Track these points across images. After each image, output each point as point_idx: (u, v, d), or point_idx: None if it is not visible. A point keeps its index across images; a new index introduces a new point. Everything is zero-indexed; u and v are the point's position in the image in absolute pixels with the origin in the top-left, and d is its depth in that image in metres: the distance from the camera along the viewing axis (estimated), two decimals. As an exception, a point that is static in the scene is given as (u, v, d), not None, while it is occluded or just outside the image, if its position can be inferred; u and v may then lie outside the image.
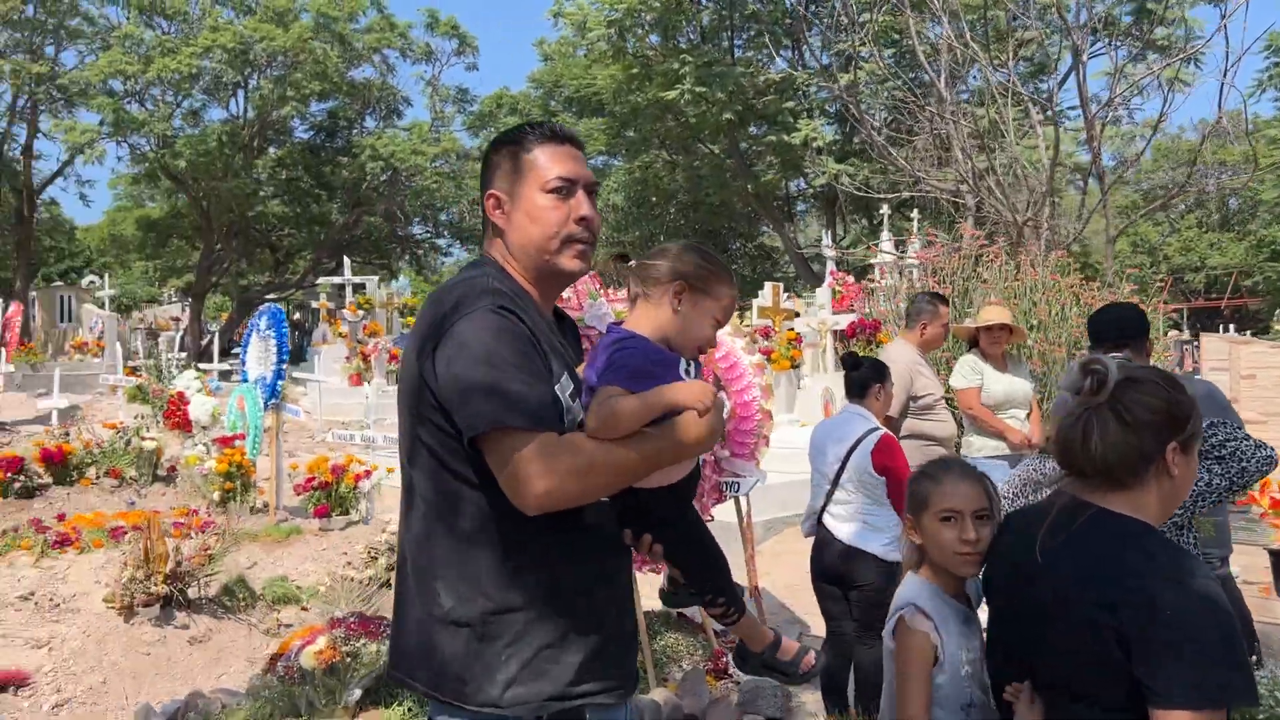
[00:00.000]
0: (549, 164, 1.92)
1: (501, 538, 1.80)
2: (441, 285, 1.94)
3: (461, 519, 1.82)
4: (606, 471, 1.75)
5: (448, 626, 1.81)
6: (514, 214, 1.94)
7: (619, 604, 1.95)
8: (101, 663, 4.86)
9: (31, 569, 6.59)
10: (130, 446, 9.59)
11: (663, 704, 4.50)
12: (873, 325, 7.47)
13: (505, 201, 1.95)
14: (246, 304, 31.23)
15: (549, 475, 1.68)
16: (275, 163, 29.08)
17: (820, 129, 16.12)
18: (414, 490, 1.90)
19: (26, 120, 26.46)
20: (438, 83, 29.08)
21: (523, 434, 1.69)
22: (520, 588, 1.80)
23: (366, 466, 7.69)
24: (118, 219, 37.61)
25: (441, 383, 1.76)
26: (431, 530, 1.85)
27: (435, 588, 1.83)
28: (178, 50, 23.73)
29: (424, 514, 1.87)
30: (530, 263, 1.94)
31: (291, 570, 6.61)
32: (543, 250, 1.92)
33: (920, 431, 5.18)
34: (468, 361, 1.73)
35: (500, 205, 1.96)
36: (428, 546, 1.85)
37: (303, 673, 3.90)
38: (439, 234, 35.26)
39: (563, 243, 1.91)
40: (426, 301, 1.91)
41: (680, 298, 1.95)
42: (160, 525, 5.21)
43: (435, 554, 1.83)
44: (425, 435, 1.83)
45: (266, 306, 8.77)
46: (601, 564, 1.91)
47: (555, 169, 1.92)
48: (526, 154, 1.94)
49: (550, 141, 1.95)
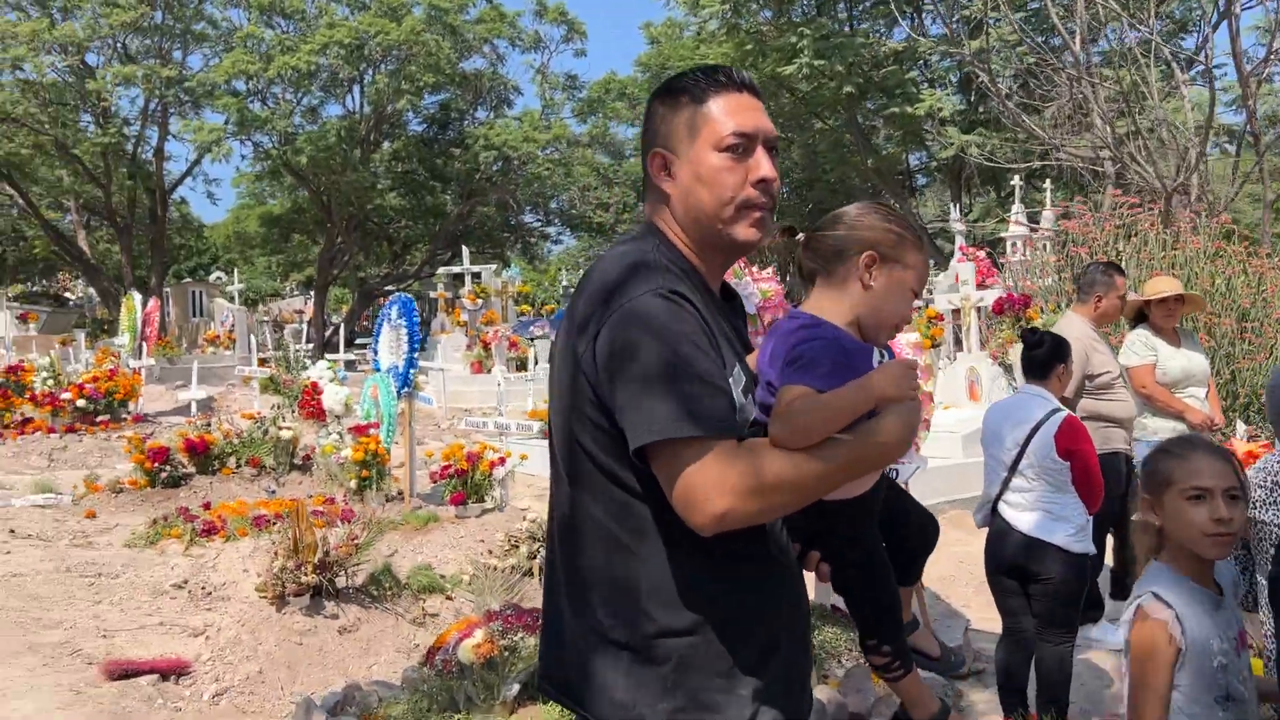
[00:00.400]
0: (723, 117, 1.65)
1: (668, 554, 1.57)
2: (601, 261, 1.67)
3: (622, 530, 1.59)
4: (793, 488, 1.50)
5: (606, 646, 1.59)
6: (682, 176, 1.68)
7: (798, 630, 1.71)
8: (257, 652, 4.88)
9: (182, 557, 6.74)
10: (268, 436, 9.79)
11: (826, 703, 4.27)
12: (1022, 300, 7.04)
13: (672, 161, 1.69)
14: (367, 295, 32.00)
15: (727, 493, 1.45)
16: (391, 156, 29.63)
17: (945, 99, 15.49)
18: (567, 493, 1.67)
19: (157, 123, 27.55)
20: (547, 70, 29.20)
21: (697, 444, 1.46)
22: (688, 609, 1.56)
23: (500, 453, 7.63)
24: (241, 216, 38.94)
25: (603, 380, 1.54)
26: (587, 539, 1.63)
27: (591, 602, 1.61)
28: (297, 48, 24.36)
29: (579, 520, 1.64)
30: (699, 232, 1.68)
31: (431, 558, 6.60)
32: (715, 218, 1.66)
33: (1098, 412, 4.81)
34: (633, 357, 1.50)
35: (666, 166, 1.70)
36: (582, 556, 1.64)
37: (461, 666, 3.80)
38: (549, 222, 35.48)
39: (738, 209, 1.65)
40: (584, 281, 1.67)
41: (870, 271, 1.68)
42: (308, 515, 5.19)
43: (591, 566, 1.62)
44: (582, 434, 1.61)
45: (396, 296, 8.81)
46: (780, 585, 1.67)
47: (730, 122, 1.65)
48: (697, 105, 1.67)
49: (725, 89, 1.67)
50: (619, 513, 1.59)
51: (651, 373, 1.48)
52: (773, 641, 1.63)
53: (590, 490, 1.62)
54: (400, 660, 5.13)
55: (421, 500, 8.29)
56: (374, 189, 26.77)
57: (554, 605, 1.73)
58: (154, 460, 8.93)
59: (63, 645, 4.90)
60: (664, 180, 1.70)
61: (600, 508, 1.61)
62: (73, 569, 6.28)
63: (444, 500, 8.06)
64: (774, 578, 1.65)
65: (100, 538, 7.53)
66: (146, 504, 8.63)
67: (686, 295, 1.57)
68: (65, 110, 25.98)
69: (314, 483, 9.53)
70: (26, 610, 5.37)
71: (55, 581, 5.97)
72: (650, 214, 1.76)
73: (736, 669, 1.57)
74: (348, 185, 25.54)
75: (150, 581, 6.12)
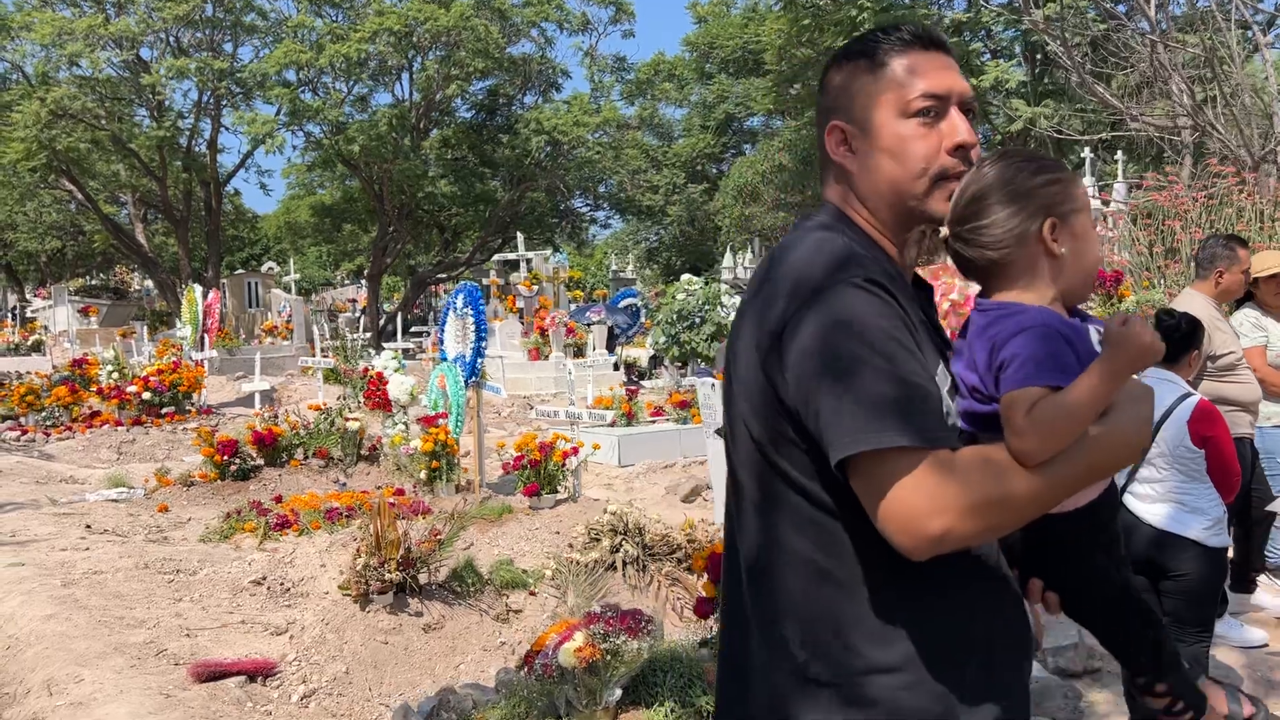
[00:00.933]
0: (911, 78, 1.47)
1: (873, 580, 1.38)
2: (783, 249, 1.48)
3: (819, 554, 1.40)
4: (1022, 503, 1.29)
5: (804, 685, 1.40)
6: (865, 148, 1.49)
7: (1021, 663, 1.49)
8: (342, 651, 4.77)
9: (258, 552, 6.68)
10: (334, 427, 9.74)
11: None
12: (1114, 277, 6.71)
13: (852, 133, 1.50)
14: (419, 284, 32.09)
15: (945, 512, 1.25)
16: (440, 143, 29.61)
17: (1010, 70, 14.99)
18: (754, 514, 1.48)
19: (210, 116, 27.78)
20: (595, 52, 28.94)
21: (908, 455, 1.27)
22: (897, 643, 1.37)
23: (573, 443, 7.48)
24: (292, 207, 39.24)
25: (794, 385, 1.35)
26: (778, 565, 1.44)
27: (783, 635, 1.43)
28: (347, 36, 24.37)
29: (768, 545, 1.45)
30: (889, 211, 1.50)
31: (508, 550, 6.47)
32: (906, 194, 1.47)
33: (1221, 395, 4.52)
34: (830, 357, 1.31)
35: (846, 139, 1.51)
36: (773, 584, 1.45)
37: (562, 671, 3.64)
38: (598, 206, 35.32)
39: (933, 181, 1.46)
40: (766, 272, 1.48)
41: (1057, 236, 1.44)
42: (389, 511, 5.07)
43: (785, 595, 1.43)
44: (772, 448, 1.42)
45: (462, 284, 8.69)
46: (1000, 613, 1.45)
47: (920, 83, 1.46)
48: (878, 68, 1.49)
49: (910, 48, 1.49)
50: (815, 535, 1.41)
51: (852, 374, 1.29)
52: (994, 675, 1.42)
53: (781, 510, 1.43)
54: (487, 659, 5.00)
55: (490, 490, 8.18)
56: (425, 176, 26.75)
57: (737, 638, 1.54)
58: (223, 453, 8.92)
59: (148, 645, 4.83)
60: (844, 155, 1.52)
61: (793, 530, 1.42)
62: (150, 565, 6.24)
63: (513, 490, 7.94)
64: (993, 600, 1.45)
65: (174, 532, 7.52)
66: (217, 497, 8.62)
67: (885, 284, 1.37)
68: (121, 105, 26.27)
69: (381, 473, 9.48)
70: (109, 609, 5.31)
71: (135, 579, 5.93)
72: (830, 194, 1.57)
73: (955, 710, 1.37)
74: (400, 173, 25.55)
75: (229, 578, 6.06)
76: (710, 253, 33.32)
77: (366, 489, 8.77)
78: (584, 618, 3.78)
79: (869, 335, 1.31)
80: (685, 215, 33.82)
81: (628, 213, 35.82)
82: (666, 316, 13.27)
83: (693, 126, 35.79)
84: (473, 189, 28.60)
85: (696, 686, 3.87)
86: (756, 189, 24.89)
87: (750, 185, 25.04)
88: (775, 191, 24.49)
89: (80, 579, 5.83)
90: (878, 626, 1.38)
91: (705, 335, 13.12)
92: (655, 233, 39.44)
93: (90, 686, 4.20)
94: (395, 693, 4.61)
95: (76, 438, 12.07)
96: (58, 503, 8.32)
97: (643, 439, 10.02)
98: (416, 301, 33.30)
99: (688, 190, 33.82)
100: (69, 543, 6.79)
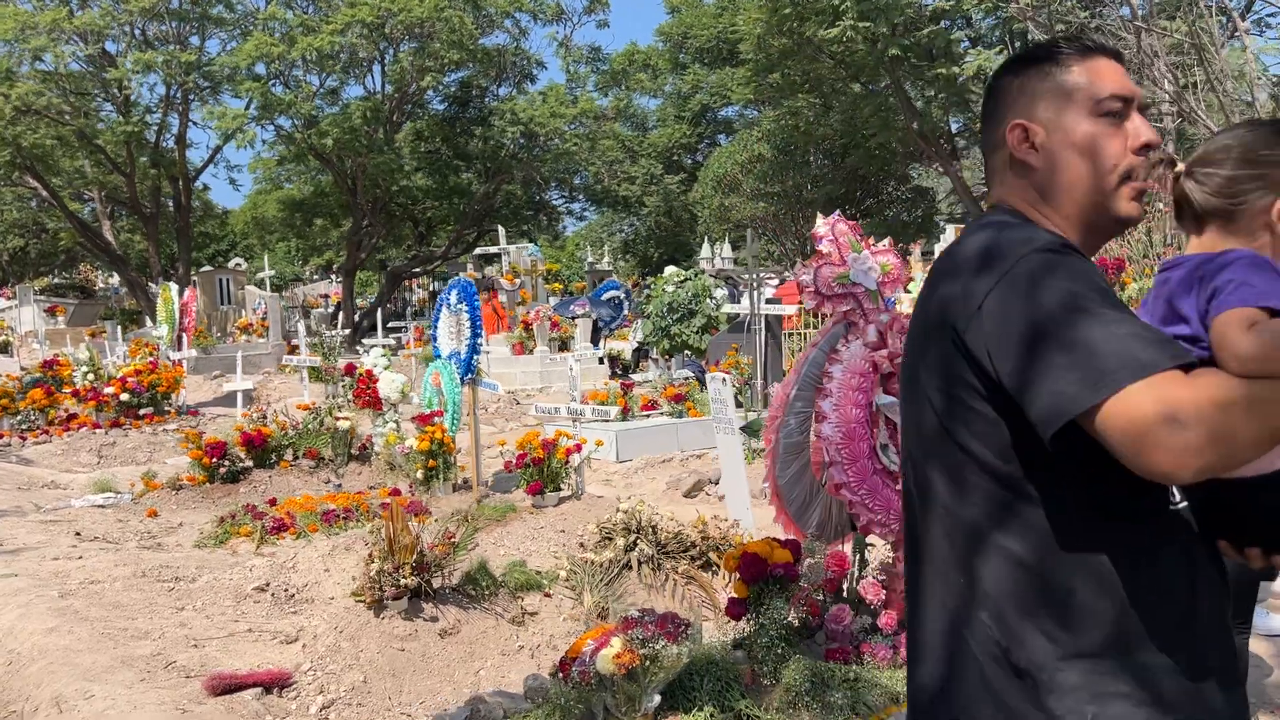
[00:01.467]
0: (1099, 80, 1.51)
1: (1067, 561, 1.37)
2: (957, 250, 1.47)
3: (1008, 537, 1.39)
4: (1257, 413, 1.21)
5: (1005, 673, 1.39)
6: (1050, 146, 1.52)
7: (1225, 642, 1.45)
8: (359, 660, 4.64)
9: (256, 557, 6.52)
10: (324, 427, 9.57)
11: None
12: (1116, 265, 6.71)
13: (1035, 132, 1.52)
14: (395, 278, 31.75)
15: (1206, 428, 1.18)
16: (413, 136, 29.27)
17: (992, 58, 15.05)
18: (936, 496, 1.49)
19: (178, 110, 27.27)
20: (570, 43, 28.72)
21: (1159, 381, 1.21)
22: (1095, 626, 1.35)
23: (576, 440, 7.37)
24: (259, 202, 38.71)
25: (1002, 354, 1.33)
26: (966, 552, 1.44)
27: (978, 619, 1.42)
28: (319, 29, 23.98)
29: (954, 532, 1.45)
30: (1074, 208, 1.51)
31: (513, 550, 6.36)
32: (1094, 190, 1.50)
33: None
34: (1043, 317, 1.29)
35: (1029, 137, 1.53)
36: (963, 572, 1.44)
37: (600, 677, 3.55)
38: (573, 198, 35.11)
39: (1121, 179, 1.49)
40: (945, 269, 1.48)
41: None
42: (403, 514, 4.94)
43: (976, 583, 1.43)
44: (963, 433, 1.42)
45: (456, 280, 8.54)
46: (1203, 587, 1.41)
47: (1108, 85, 1.51)
48: (1065, 70, 1.53)
49: (1092, 54, 1.55)
50: (1005, 517, 1.40)
51: (1072, 325, 1.27)
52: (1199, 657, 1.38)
53: (970, 496, 1.44)
54: (506, 664, 4.89)
55: (488, 489, 8.05)
56: (400, 170, 26.44)
57: (927, 631, 1.51)
58: (212, 455, 8.73)
59: (156, 657, 4.67)
60: (1027, 153, 1.54)
61: (983, 515, 1.42)
62: (148, 573, 6.07)
63: (512, 489, 7.82)
64: (1194, 572, 1.40)
65: (167, 538, 7.34)
66: (207, 500, 8.44)
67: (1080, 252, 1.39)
68: (86, 100, 25.74)
69: (373, 473, 9.32)
70: (111, 620, 5.15)
71: (134, 588, 5.75)
72: (1005, 194, 1.59)
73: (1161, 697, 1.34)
74: (374, 167, 25.23)
75: (230, 585, 5.90)
76: (688, 244, 33.23)
77: (360, 490, 8.62)
78: (620, 623, 3.68)
79: (1077, 285, 1.31)
80: (662, 206, 33.71)
81: (604, 204, 35.64)
82: (657, 309, 13.19)
83: (667, 117, 35.66)
84: (447, 182, 28.34)
85: (734, 689, 3.79)
86: (736, 179, 24.81)
87: (730, 175, 24.97)
88: (755, 182, 24.44)
89: (77, 589, 5.65)
90: (1077, 608, 1.37)
91: (696, 327, 13.04)
92: (630, 224, 39.30)
93: (102, 702, 4.05)
94: (416, 701, 4.49)
95: (54, 441, 11.79)
96: (43, 509, 8.10)
97: (639, 434, 9.93)
98: (392, 296, 32.96)
99: (665, 181, 33.68)
100: (60, 551, 6.60)
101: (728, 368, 10.76)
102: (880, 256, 4.71)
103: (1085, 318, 1.27)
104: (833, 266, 4.58)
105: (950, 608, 1.47)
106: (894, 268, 4.66)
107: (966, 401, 1.42)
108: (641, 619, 3.64)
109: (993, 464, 1.40)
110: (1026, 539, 1.39)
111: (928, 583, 1.52)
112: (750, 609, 4.11)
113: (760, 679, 3.91)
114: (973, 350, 1.39)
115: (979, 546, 1.43)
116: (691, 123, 35.04)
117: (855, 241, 4.68)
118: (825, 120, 21.76)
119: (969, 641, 1.44)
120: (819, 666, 3.90)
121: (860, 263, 4.62)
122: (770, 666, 3.91)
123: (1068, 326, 1.27)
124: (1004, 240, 1.41)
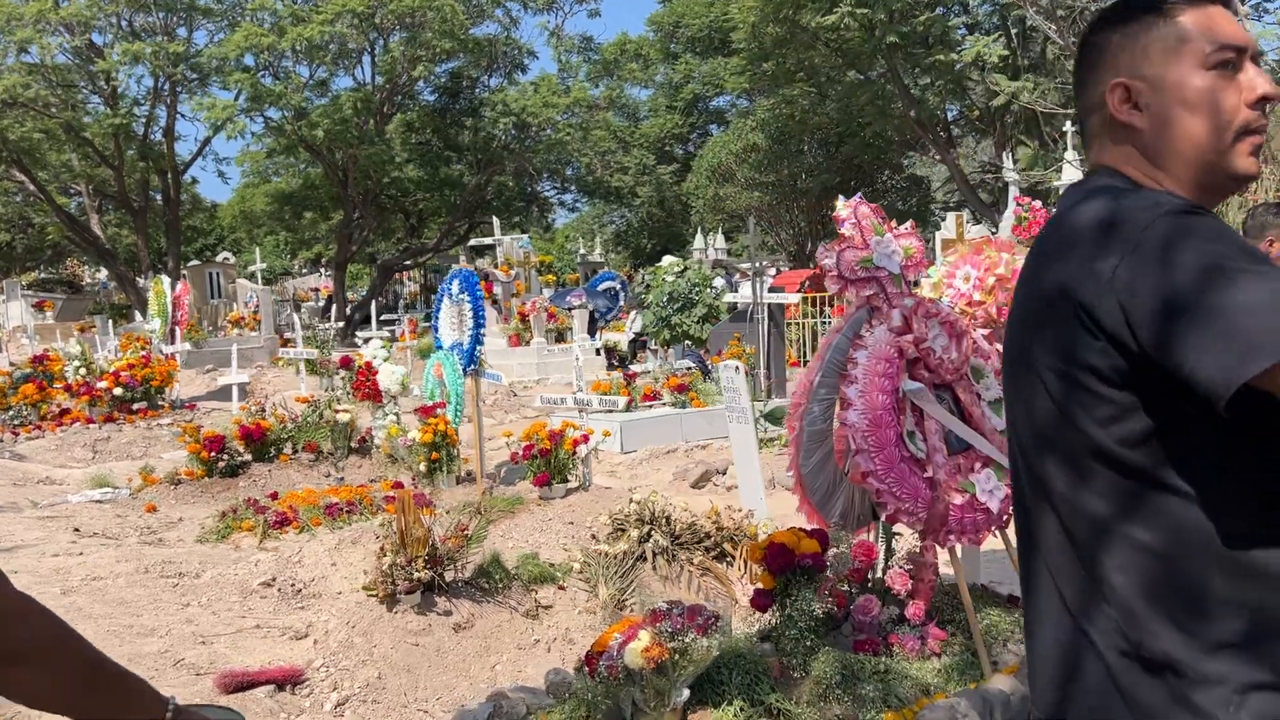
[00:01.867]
0: (1209, 30, 1.38)
1: (1207, 550, 1.27)
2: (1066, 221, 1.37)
3: (1136, 526, 1.30)
4: None
5: (1135, 669, 1.30)
6: (1158, 104, 1.40)
7: None
8: (372, 655, 4.54)
9: (260, 552, 6.40)
10: (323, 420, 9.44)
11: (1011, 693, 3.93)
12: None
13: (1140, 90, 1.40)
14: (386, 271, 31.55)
15: None
16: (404, 127, 29.05)
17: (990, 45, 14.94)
18: (1048, 486, 1.39)
19: (166, 103, 27.00)
20: (561, 33, 28.52)
21: None
22: (1235, 616, 1.27)
23: (583, 431, 7.27)
24: (247, 195, 38.40)
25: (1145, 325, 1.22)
26: (1089, 545, 1.35)
27: (1103, 613, 1.33)
28: (309, 19, 23.75)
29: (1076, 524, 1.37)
30: (1187, 170, 1.40)
31: (522, 543, 6.26)
32: (1209, 149, 1.38)
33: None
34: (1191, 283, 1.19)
35: (1131, 96, 1.41)
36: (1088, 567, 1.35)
37: (628, 672, 3.45)
38: (565, 189, 34.93)
39: (1237, 135, 1.38)
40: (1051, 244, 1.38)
41: None
42: (414, 507, 4.83)
43: (1102, 578, 1.34)
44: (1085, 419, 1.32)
45: (457, 270, 8.42)
46: None
47: (1219, 35, 1.38)
48: (1170, 20, 1.40)
49: (1201, 2, 1.41)
50: (1135, 507, 1.31)
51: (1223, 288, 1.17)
52: None
53: (1092, 484, 1.34)
54: (522, 658, 4.80)
55: (492, 481, 7.95)
56: (391, 162, 26.23)
57: (1049, 631, 1.43)
58: (210, 449, 8.59)
59: (164, 655, 4.57)
60: (1130, 114, 1.42)
61: (1107, 503, 1.33)
62: (150, 569, 5.96)
63: (516, 481, 7.72)
64: None
65: (168, 533, 7.22)
66: (206, 495, 8.31)
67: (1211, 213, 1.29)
68: (73, 93, 25.45)
69: (374, 466, 9.20)
70: (116, 617, 5.03)
71: (137, 584, 5.64)
72: (1107, 158, 1.47)
73: None
74: (365, 159, 25.02)
75: (235, 580, 5.79)
76: (681, 234, 33.10)
77: (361, 483, 8.50)
78: (648, 615, 3.58)
79: (1227, 245, 1.22)
80: (655, 197, 33.56)
81: (596, 195, 35.47)
82: (657, 299, 13.11)
83: (659, 107, 35.50)
84: (438, 173, 28.13)
85: (764, 683, 3.70)
86: (730, 169, 24.69)
87: (724, 165, 24.85)
88: (749, 171, 24.32)
89: (79, 586, 5.54)
90: (1212, 600, 1.28)
91: (696, 317, 12.97)
92: (621, 215, 39.13)
93: (112, 703, 3.92)
94: (432, 697, 4.39)
95: (47, 436, 11.63)
96: (39, 505, 7.97)
97: (644, 424, 9.83)
98: (384, 289, 32.77)
99: (657, 171, 33.53)
100: (60, 548, 6.48)
101: (732, 356, 10.65)
102: (903, 239, 4.60)
103: (1236, 277, 1.18)
104: (855, 250, 4.47)
105: (1070, 603, 1.39)
106: (917, 251, 4.57)
107: (1088, 385, 1.32)
108: (670, 611, 3.54)
109: (1116, 450, 1.31)
110: (1158, 528, 1.30)
111: (1043, 579, 1.43)
112: (777, 600, 4.01)
113: (789, 671, 3.82)
114: (1106, 327, 1.28)
115: (1103, 537, 1.34)
116: (683, 113, 34.89)
117: (878, 224, 4.58)
118: (820, 109, 21.66)
119: (1093, 638, 1.35)
120: (849, 658, 3.82)
121: (884, 246, 4.52)
122: (799, 659, 3.82)
123: (1218, 290, 1.18)
124: (1125, 207, 1.30)
